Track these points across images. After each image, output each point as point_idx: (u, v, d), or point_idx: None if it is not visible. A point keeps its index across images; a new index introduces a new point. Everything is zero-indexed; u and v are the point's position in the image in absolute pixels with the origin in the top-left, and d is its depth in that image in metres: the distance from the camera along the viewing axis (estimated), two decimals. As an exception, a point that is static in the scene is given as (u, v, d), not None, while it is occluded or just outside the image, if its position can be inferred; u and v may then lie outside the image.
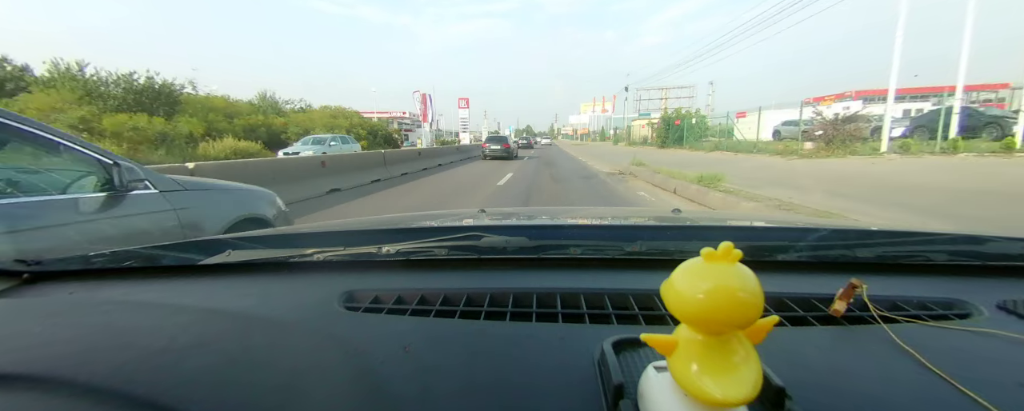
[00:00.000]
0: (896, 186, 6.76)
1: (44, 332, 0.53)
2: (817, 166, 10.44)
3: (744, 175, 8.44)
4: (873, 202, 5.40)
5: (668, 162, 12.08)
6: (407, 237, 0.81)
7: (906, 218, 4.43)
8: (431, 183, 9.94)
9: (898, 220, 4.34)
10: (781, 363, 0.39)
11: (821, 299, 0.58)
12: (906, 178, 7.63)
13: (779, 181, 7.60)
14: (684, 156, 16.81)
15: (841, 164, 10.70)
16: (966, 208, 4.93)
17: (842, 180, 7.70)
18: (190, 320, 0.56)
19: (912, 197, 5.71)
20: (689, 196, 6.47)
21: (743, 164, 11.51)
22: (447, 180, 10.57)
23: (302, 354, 0.49)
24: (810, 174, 8.79)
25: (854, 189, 6.52)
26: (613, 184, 8.84)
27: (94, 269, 0.80)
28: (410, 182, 10.07)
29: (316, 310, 0.60)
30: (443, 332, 0.53)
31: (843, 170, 9.33)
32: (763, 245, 0.78)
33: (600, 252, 0.77)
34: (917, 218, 4.45)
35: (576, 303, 0.61)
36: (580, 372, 0.43)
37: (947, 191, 6.12)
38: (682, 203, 6.12)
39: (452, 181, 10.36)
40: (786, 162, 11.83)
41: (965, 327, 0.51)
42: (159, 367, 0.44)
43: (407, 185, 9.52)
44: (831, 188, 6.66)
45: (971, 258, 0.73)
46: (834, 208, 4.77)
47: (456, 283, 0.68)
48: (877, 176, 8.13)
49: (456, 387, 0.42)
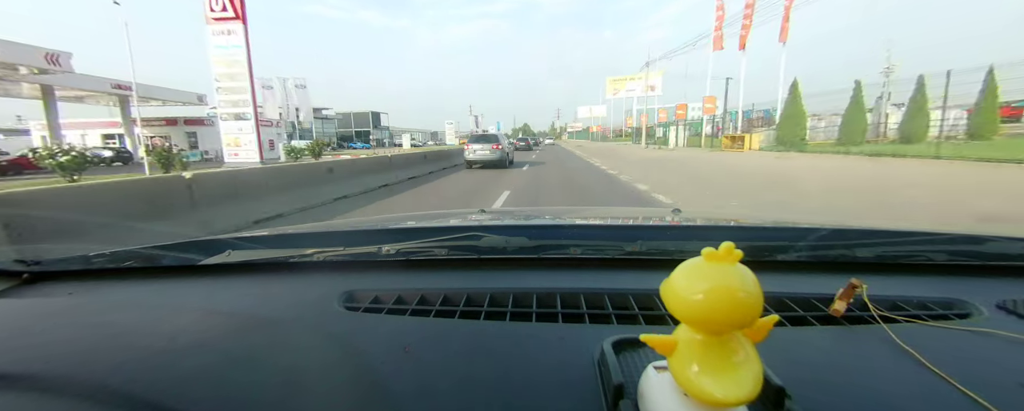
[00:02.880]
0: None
1: (44, 332, 0.53)
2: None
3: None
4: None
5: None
6: (407, 237, 0.81)
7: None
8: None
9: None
10: (781, 363, 0.39)
11: (821, 299, 0.58)
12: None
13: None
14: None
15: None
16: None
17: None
18: (190, 320, 0.56)
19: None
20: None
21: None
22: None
23: (302, 354, 0.49)
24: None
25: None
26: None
27: (94, 269, 0.80)
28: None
29: (316, 310, 0.60)
30: (443, 332, 0.53)
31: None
32: (763, 245, 0.78)
33: (600, 252, 0.77)
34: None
35: (576, 303, 0.61)
36: (580, 372, 0.43)
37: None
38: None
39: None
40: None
41: (965, 327, 0.51)
42: (159, 367, 0.44)
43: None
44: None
45: (971, 258, 0.73)
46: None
47: (456, 283, 0.68)
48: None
49: (456, 387, 0.42)
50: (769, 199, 6.52)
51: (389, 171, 10.16)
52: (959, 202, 5.87)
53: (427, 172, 12.28)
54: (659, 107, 46.72)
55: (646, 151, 24.88)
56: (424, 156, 13.46)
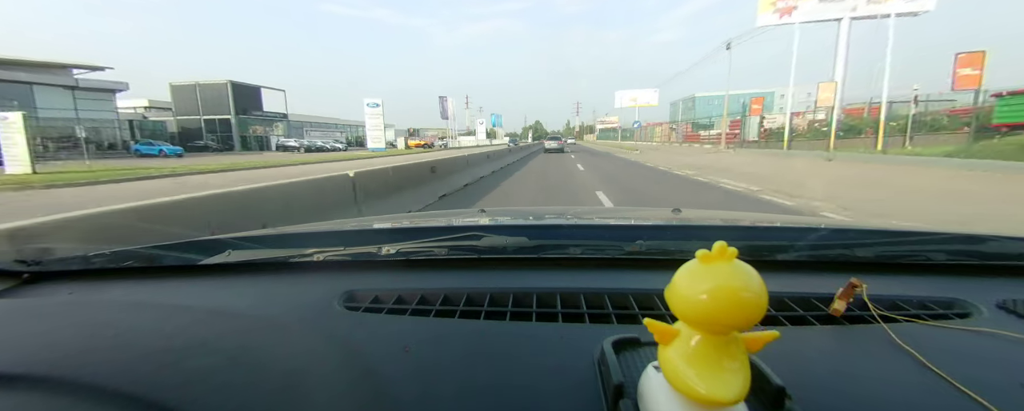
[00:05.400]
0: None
1: (44, 332, 0.53)
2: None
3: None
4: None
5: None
6: (407, 237, 0.81)
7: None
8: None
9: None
10: (781, 363, 0.39)
11: (821, 299, 0.58)
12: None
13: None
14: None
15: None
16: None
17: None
18: (190, 320, 0.56)
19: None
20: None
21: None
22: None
23: (302, 354, 0.49)
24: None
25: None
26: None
27: (94, 269, 0.80)
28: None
29: (316, 310, 0.60)
30: (443, 332, 0.53)
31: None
32: (763, 245, 0.78)
33: (600, 252, 0.77)
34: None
35: (576, 303, 0.61)
36: (580, 372, 0.43)
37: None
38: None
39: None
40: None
41: (965, 327, 0.51)
42: (159, 367, 0.44)
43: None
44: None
45: (971, 258, 0.73)
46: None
47: (456, 283, 0.68)
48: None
49: (456, 387, 0.42)
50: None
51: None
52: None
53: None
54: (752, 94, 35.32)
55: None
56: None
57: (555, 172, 12.40)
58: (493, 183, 9.34)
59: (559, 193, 8.04)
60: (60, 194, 8.84)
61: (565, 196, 7.64)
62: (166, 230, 2.04)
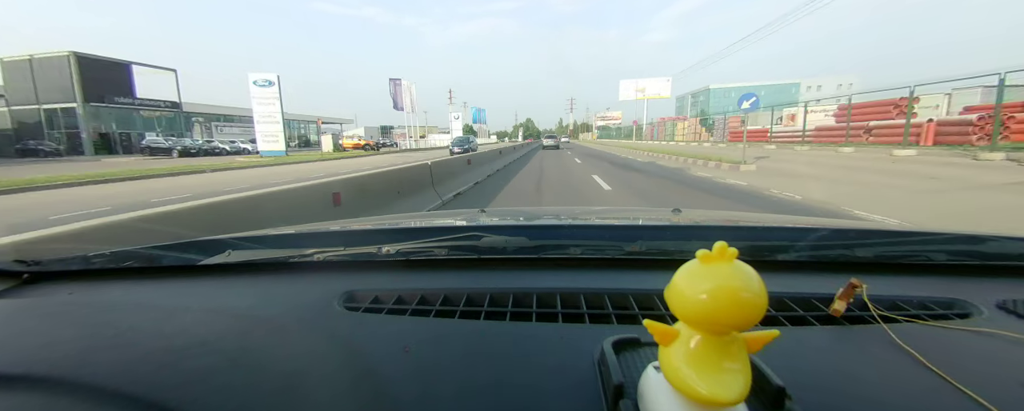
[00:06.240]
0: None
1: (44, 332, 0.53)
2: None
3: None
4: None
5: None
6: (407, 237, 0.81)
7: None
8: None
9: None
10: (781, 363, 0.39)
11: (821, 299, 0.58)
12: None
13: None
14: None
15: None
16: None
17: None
18: (190, 320, 0.56)
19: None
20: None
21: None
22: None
23: (302, 354, 0.49)
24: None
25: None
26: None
27: (94, 269, 0.80)
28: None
29: (316, 310, 0.60)
30: (443, 332, 0.53)
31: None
32: (763, 245, 0.78)
33: (600, 252, 0.77)
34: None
35: (576, 303, 0.61)
36: (580, 372, 0.43)
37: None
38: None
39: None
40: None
41: (965, 327, 0.51)
42: (159, 367, 0.44)
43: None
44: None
45: (971, 258, 0.73)
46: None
47: (456, 283, 0.68)
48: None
49: (456, 387, 0.42)
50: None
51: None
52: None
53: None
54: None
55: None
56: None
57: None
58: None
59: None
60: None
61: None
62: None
